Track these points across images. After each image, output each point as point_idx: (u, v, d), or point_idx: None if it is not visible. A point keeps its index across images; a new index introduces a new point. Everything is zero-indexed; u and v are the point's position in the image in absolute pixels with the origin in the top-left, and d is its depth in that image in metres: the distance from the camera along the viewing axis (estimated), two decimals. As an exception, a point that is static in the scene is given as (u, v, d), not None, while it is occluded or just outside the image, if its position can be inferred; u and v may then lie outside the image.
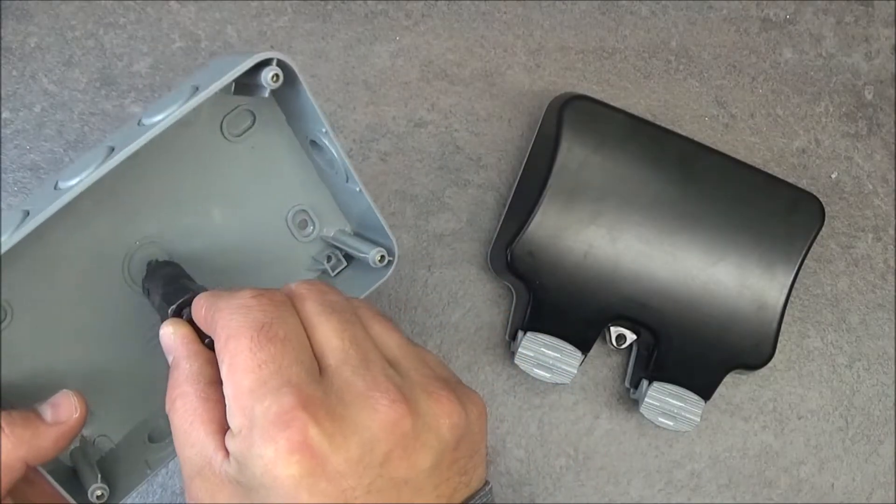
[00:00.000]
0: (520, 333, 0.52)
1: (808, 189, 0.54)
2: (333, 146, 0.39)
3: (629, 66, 0.58)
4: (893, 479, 0.59)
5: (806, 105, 0.60)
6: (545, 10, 0.58)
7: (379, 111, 0.57)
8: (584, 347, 0.51)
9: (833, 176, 0.59)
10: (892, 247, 0.59)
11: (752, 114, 0.59)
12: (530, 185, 0.53)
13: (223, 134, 0.41)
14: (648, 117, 0.56)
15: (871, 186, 0.60)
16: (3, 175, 0.55)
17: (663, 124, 0.55)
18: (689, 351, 0.52)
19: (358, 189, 0.40)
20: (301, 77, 0.36)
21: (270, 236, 0.43)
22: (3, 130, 0.56)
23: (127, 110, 0.56)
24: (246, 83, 0.35)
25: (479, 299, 0.56)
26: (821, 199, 0.53)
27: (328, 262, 0.44)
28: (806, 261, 0.53)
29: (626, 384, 0.56)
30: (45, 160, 0.56)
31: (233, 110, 0.40)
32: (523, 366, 0.51)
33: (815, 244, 0.53)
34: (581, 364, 0.51)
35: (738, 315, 0.52)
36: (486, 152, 0.57)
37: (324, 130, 0.39)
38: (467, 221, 0.57)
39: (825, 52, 0.60)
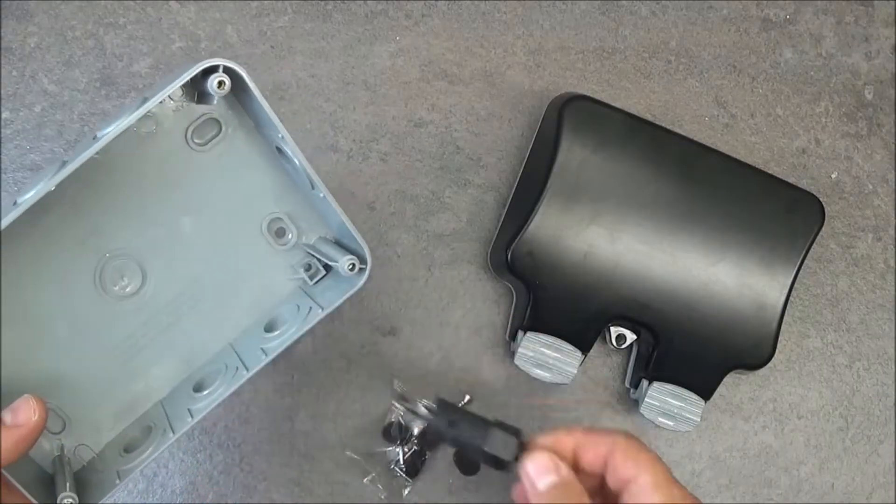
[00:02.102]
0: (520, 333, 0.52)
1: (808, 189, 0.54)
2: (293, 152, 0.38)
3: (629, 66, 0.58)
4: (893, 480, 0.59)
5: (806, 105, 0.60)
6: (545, 10, 0.58)
7: (379, 111, 0.57)
8: (584, 347, 0.51)
9: (833, 176, 0.59)
10: (892, 247, 0.59)
11: (752, 114, 0.59)
12: (530, 185, 0.53)
13: (188, 143, 0.41)
14: (648, 117, 0.56)
15: (871, 186, 0.60)
16: (3, 175, 0.55)
17: (663, 124, 0.55)
18: (689, 351, 0.52)
19: (322, 195, 0.39)
20: (251, 83, 0.36)
21: (245, 245, 0.43)
22: (3, 130, 0.56)
23: (127, 110, 0.56)
24: (203, 91, 0.36)
25: (479, 299, 0.56)
26: (821, 199, 0.53)
27: (307, 270, 0.44)
28: (806, 261, 0.53)
29: (626, 384, 0.56)
30: (45, 160, 0.56)
31: (197, 119, 0.40)
32: (523, 366, 0.51)
33: (815, 244, 0.53)
34: (581, 364, 0.52)
35: (738, 315, 0.52)
36: (486, 152, 0.57)
37: (280, 136, 0.38)
38: (467, 221, 0.57)
39: (825, 52, 0.60)
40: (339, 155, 0.56)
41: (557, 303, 0.51)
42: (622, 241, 0.51)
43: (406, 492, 0.55)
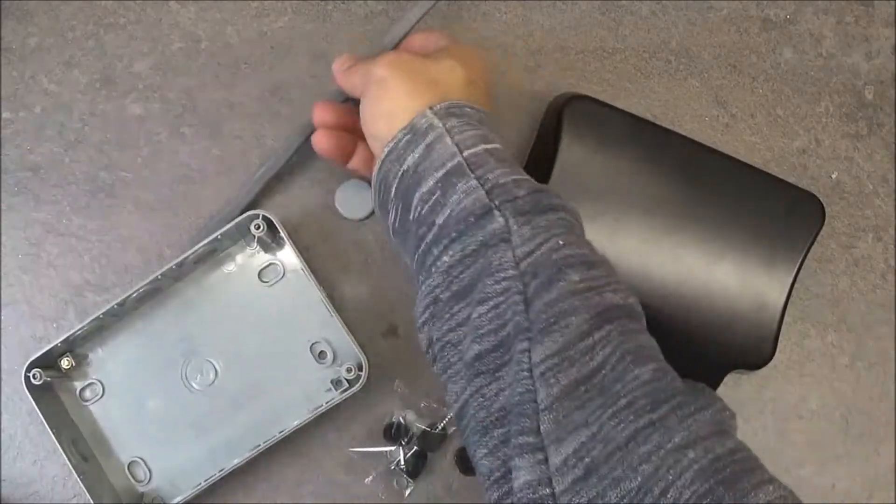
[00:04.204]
0: (520, 333, 0.52)
1: (808, 189, 0.54)
2: (310, 279, 0.52)
3: (629, 66, 0.58)
4: (893, 480, 0.59)
5: (806, 105, 0.60)
6: (545, 10, 0.58)
7: (379, 111, 0.57)
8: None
9: (833, 176, 0.59)
10: (892, 247, 0.59)
11: (752, 114, 0.59)
12: (530, 186, 0.53)
13: (259, 280, 0.54)
14: (649, 117, 0.56)
15: (871, 186, 0.60)
16: (3, 176, 0.55)
17: (663, 124, 0.55)
18: (689, 351, 0.52)
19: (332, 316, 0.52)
20: (280, 227, 0.51)
21: (294, 360, 0.54)
22: (3, 131, 0.56)
23: (127, 111, 0.56)
24: (263, 240, 0.52)
25: (479, 299, 0.56)
26: (821, 199, 0.53)
27: (338, 387, 0.54)
28: (806, 261, 0.53)
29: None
30: (45, 161, 0.56)
31: (264, 264, 0.54)
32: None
33: (815, 244, 0.53)
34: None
35: (738, 315, 0.52)
36: (487, 152, 0.57)
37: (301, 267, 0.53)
38: (467, 221, 0.57)
39: (825, 52, 0.60)
40: (339, 155, 0.56)
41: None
42: (622, 241, 0.51)
43: (407, 492, 0.55)
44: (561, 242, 0.37)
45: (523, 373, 0.35)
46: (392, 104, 0.42)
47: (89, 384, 0.53)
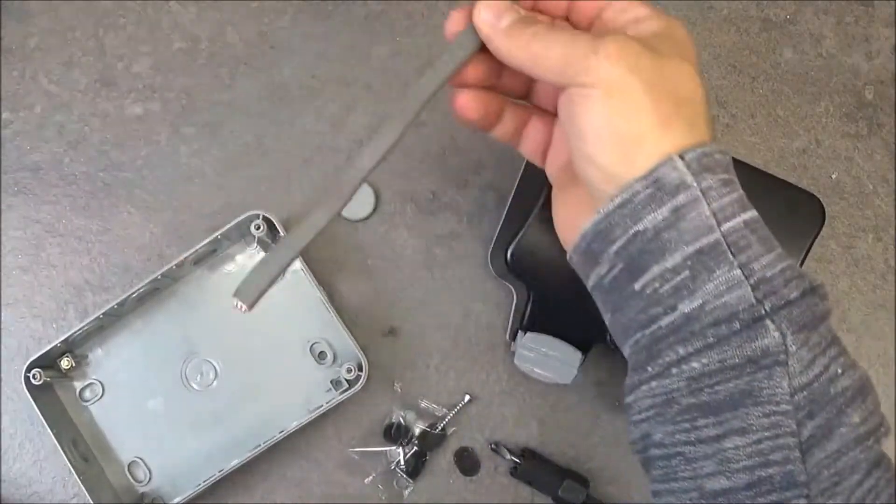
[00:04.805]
0: (520, 334, 0.52)
1: (808, 189, 0.54)
2: (310, 281, 0.52)
3: (629, 66, 0.58)
4: (894, 479, 0.58)
5: (806, 105, 0.60)
6: (545, 10, 0.58)
7: (379, 111, 0.57)
8: (584, 347, 0.51)
9: (833, 176, 0.59)
10: (892, 247, 0.59)
11: (752, 114, 0.59)
12: (530, 186, 0.53)
13: None
14: (648, 117, 0.56)
15: (871, 186, 0.60)
16: (3, 175, 0.55)
17: (663, 124, 0.54)
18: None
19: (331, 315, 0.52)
20: (280, 227, 0.51)
21: (294, 361, 0.54)
22: (3, 131, 0.56)
23: (127, 111, 0.56)
24: (262, 240, 0.52)
25: (479, 300, 0.56)
26: (821, 199, 0.53)
27: (337, 387, 0.54)
28: (806, 261, 0.53)
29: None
30: (45, 160, 0.56)
31: None
32: (523, 366, 0.51)
33: (815, 244, 0.53)
34: (581, 364, 0.51)
35: (738, 315, 0.52)
36: (486, 152, 0.57)
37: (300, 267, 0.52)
38: (467, 221, 0.57)
39: (825, 52, 0.60)
40: (339, 155, 0.56)
41: (558, 303, 0.51)
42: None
43: (407, 492, 0.55)
44: (840, 371, 0.32)
45: None
46: (631, 127, 0.32)
47: (89, 384, 0.53)
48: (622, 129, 0.32)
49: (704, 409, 0.32)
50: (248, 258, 0.55)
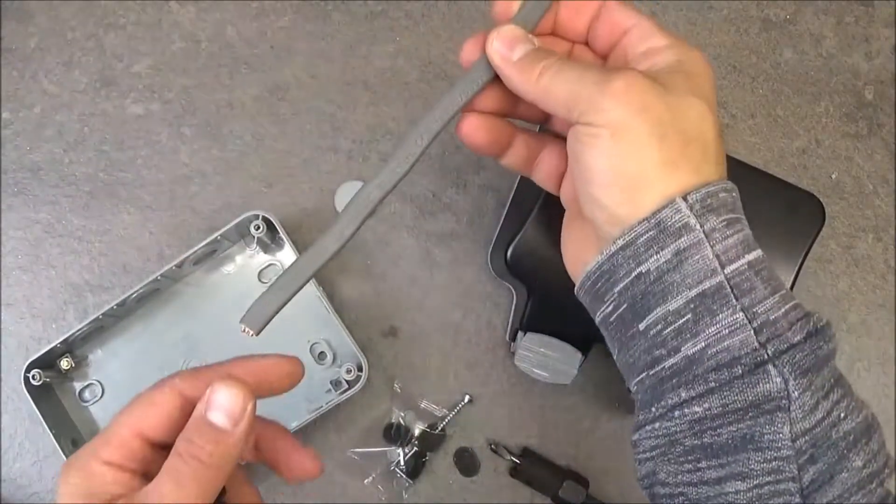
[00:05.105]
0: (520, 334, 0.52)
1: (808, 189, 0.54)
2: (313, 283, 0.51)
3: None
4: (894, 479, 0.58)
5: (806, 105, 0.60)
6: (545, 10, 0.58)
7: (379, 111, 0.57)
8: (584, 347, 0.51)
9: (833, 176, 0.59)
10: (892, 247, 0.59)
11: (752, 114, 0.59)
12: (530, 186, 0.53)
13: (259, 281, 0.54)
14: (648, 117, 0.56)
15: (871, 186, 0.60)
16: (3, 176, 0.55)
17: (663, 124, 0.54)
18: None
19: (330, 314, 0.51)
20: (280, 227, 0.51)
21: None
22: (3, 131, 0.56)
23: (127, 111, 0.56)
24: (262, 240, 0.52)
25: (479, 300, 0.56)
26: (821, 199, 0.53)
27: (335, 386, 0.54)
28: (806, 261, 0.53)
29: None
30: (45, 161, 0.56)
31: (264, 265, 0.54)
32: (523, 366, 0.51)
33: (815, 244, 0.53)
34: (581, 364, 0.51)
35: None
36: (486, 152, 0.57)
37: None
38: (467, 222, 0.57)
39: (825, 52, 0.60)
40: (339, 155, 0.56)
41: (557, 303, 0.51)
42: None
43: (406, 493, 0.55)
44: (843, 415, 0.31)
45: None
46: (636, 169, 0.32)
47: (89, 385, 0.53)
48: (627, 171, 0.32)
49: (707, 451, 0.32)
50: (247, 258, 0.54)
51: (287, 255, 0.54)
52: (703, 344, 0.31)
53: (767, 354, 0.30)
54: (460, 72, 0.59)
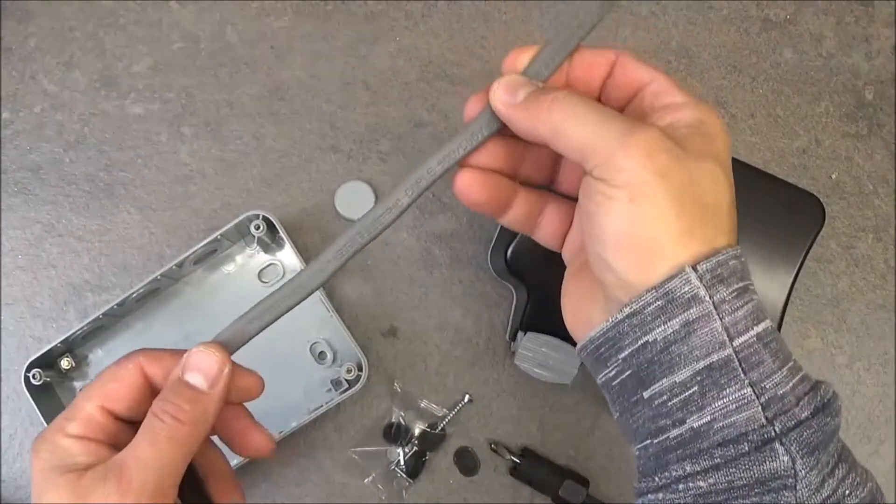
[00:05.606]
0: (520, 333, 0.52)
1: (808, 189, 0.54)
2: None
3: (629, 66, 0.58)
4: (894, 480, 0.59)
5: (806, 105, 0.60)
6: (545, 10, 0.58)
7: (379, 111, 0.57)
8: (584, 348, 0.51)
9: (833, 176, 0.59)
10: (892, 247, 0.59)
11: (752, 114, 0.59)
12: (530, 186, 0.53)
13: (259, 281, 0.55)
14: (648, 117, 0.56)
15: (871, 186, 0.60)
16: (3, 175, 0.55)
17: (663, 124, 0.54)
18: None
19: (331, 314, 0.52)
20: (280, 227, 0.51)
21: (295, 360, 0.54)
22: (3, 131, 0.56)
23: (127, 111, 0.56)
24: (262, 240, 0.53)
25: (479, 300, 0.56)
26: (821, 199, 0.53)
27: (337, 387, 0.54)
28: (806, 261, 0.53)
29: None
30: (45, 161, 0.56)
31: (264, 264, 0.55)
32: (523, 366, 0.51)
33: (815, 244, 0.53)
34: (581, 364, 0.51)
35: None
36: (486, 152, 0.57)
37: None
38: (467, 222, 0.57)
39: (825, 52, 0.60)
40: (339, 155, 0.56)
41: (557, 303, 0.51)
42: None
43: (406, 492, 0.55)
44: (848, 492, 0.31)
45: None
46: (652, 235, 0.30)
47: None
48: (642, 237, 0.31)
49: None
50: (247, 258, 0.55)
51: (287, 255, 0.54)
52: (709, 417, 0.31)
53: (775, 431, 0.30)
54: (460, 71, 0.59)
